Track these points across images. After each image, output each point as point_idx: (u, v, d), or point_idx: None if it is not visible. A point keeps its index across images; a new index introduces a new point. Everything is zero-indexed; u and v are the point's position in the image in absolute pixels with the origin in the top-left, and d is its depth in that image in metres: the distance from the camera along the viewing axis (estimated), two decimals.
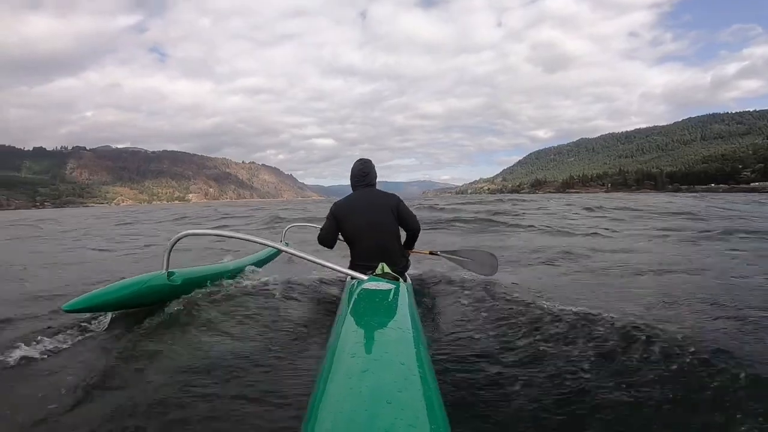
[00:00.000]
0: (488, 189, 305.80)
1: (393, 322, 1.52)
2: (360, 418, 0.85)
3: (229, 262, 3.40)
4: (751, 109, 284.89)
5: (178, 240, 2.41)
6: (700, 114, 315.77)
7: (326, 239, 2.83)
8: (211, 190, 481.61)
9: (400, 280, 2.26)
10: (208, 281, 2.86)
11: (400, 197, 2.85)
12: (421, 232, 3.01)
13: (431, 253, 3.51)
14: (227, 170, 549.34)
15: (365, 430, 0.81)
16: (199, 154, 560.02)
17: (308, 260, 2.33)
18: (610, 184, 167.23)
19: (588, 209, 16.33)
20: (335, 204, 2.84)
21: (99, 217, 23.54)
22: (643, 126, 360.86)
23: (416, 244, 3.16)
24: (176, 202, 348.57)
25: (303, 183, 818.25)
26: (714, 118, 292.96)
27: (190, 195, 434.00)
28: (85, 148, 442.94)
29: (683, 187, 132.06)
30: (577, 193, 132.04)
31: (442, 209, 17.47)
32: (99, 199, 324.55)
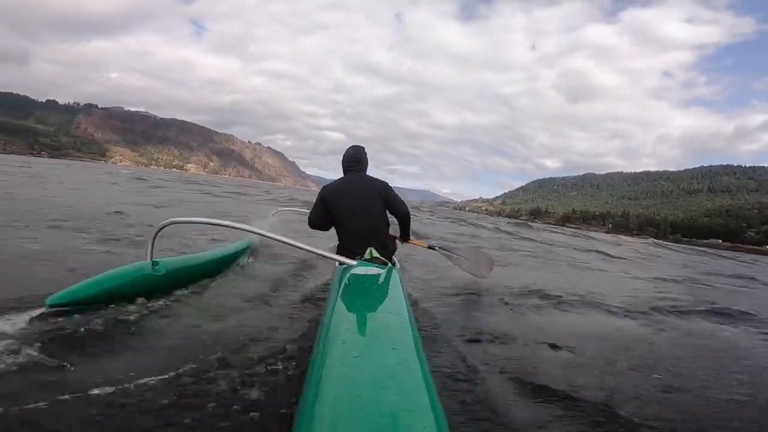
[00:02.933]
0: (486, 210, 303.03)
1: (383, 306, 1.51)
2: (355, 404, 0.85)
3: (214, 250, 3.34)
4: (766, 164, 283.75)
5: (162, 228, 2.31)
6: (712, 164, 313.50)
7: (317, 223, 2.82)
8: (211, 164, 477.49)
9: (389, 264, 2.24)
10: (193, 271, 2.78)
11: None
12: (411, 220, 3.04)
13: (429, 247, 3.54)
14: (231, 147, 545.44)
15: (362, 414, 0.81)
16: (208, 127, 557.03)
17: (296, 246, 2.31)
18: (611, 225, 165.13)
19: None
20: (324, 187, 2.84)
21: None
22: (653, 169, 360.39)
23: (414, 237, 3.19)
24: (174, 170, 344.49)
25: (305, 172, 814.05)
26: (726, 169, 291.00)
27: (189, 165, 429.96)
28: (96, 106, 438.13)
29: (684, 238, 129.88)
30: (577, 228, 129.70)
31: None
32: (96, 156, 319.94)
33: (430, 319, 2.49)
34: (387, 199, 2.76)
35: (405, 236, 3.11)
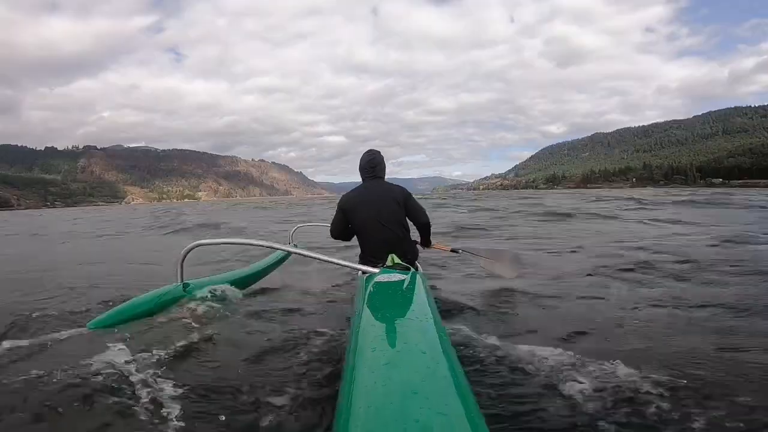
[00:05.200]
0: (500, 185, 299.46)
1: (410, 312, 1.51)
2: (389, 411, 0.84)
3: (241, 269, 3.45)
4: None
5: (189, 251, 2.42)
6: (719, 108, 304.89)
7: (337, 232, 2.85)
8: (221, 188, 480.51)
9: (412, 269, 2.28)
10: (223, 289, 2.88)
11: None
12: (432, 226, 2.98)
13: (453, 250, 3.51)
14: (237, 168, 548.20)
15: (395, 421, 0.80)
16: (210, 152, 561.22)
17: (318, 259, 2.35)
18: (635, 179, 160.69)
19: None
20: (343, 196, 2.85)
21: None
22: (661, 120, 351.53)
23: (436, 241, 3.21)
24: (186, 200, 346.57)
25: (313, 180, 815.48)
26: (736, 111, 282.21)
27: (200, 193, 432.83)
28: (96, 147, 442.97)
29: (716, 181, 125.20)
30: (600, 188, 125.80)
31: None
32: (109, 198, 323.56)
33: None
34: (406, 206, 2.73)
35: (426, 243, 3.07)
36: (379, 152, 2.88)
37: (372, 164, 2.81)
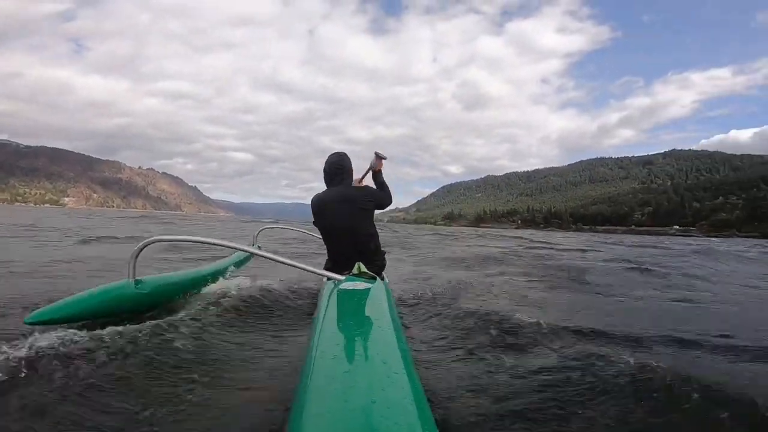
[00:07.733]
0: (403, 218, 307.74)
1: (372, 321, 1.52)
2: (345, 419, 0.85)
3: (200, 268, 3.30)
4: (631, 155, 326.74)
5: (145, 246, 2.25)
6: (588, 158, 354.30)
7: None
8: (95, 195, 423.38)
9: (378, 279, 2.23)
10: (179, 289, 2.71)
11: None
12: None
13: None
14: (119, 175, 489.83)
15: (352, 428, 0.81)
16: (88, 154, 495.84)
17: (282, 263, 2.29)
18: (520, 221, 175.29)
19: None
20: (313, 198, 2.73)
21: None
22: (541, 167, 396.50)
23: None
24: (47, 205, 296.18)
25: (209, 197, 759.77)
26: (600, 162, 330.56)
27: (67, 199, 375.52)
28: None
29: (585, 226, 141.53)
30: (491, 228, 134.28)
31: None
32: None
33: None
34: (375, 203, 2.67)
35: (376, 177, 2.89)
36: (346, 155, 2.75)
37: (338, 167, 2.65)
